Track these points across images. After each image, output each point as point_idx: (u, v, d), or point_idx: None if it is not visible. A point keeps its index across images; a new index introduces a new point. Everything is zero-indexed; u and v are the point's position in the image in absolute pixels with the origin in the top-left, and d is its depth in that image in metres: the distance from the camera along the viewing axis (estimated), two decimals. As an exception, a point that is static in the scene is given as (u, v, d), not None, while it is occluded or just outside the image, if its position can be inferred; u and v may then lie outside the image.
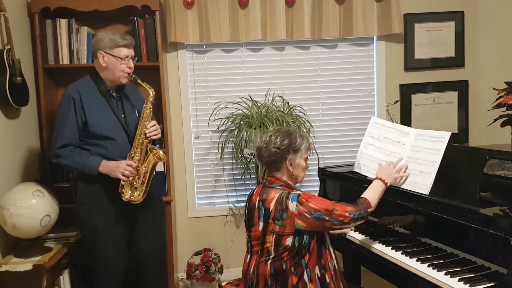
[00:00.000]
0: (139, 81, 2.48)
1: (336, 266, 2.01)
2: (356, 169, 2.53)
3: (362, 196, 2.02)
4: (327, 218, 1.88)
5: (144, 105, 2.49)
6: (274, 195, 1.97)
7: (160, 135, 2.53)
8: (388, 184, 2.11)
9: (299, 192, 1.93)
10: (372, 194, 2.04)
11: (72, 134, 2.40)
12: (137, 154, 2.43)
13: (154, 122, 2.50)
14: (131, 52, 2.49)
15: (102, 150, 2.42)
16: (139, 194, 2.42)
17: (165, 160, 2.54)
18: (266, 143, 2.03)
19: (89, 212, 2.46)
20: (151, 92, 2.49)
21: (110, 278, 2.51)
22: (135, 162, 2.41)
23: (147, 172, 2.43)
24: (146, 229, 2.58)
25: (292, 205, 1.89)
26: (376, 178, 2.13)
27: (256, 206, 2.02)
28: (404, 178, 2.21)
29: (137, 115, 2.54)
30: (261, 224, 1.98)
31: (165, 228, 2.81)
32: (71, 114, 2.39)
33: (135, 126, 2.50)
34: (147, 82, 2.52)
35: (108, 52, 2.42)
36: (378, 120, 2.54)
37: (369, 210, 1.97)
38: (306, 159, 2.08)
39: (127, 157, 2.42)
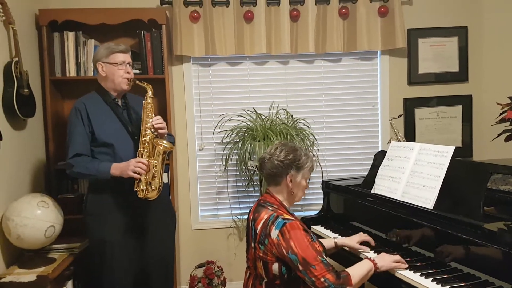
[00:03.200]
0: (137, 82, 2.52)
1: None
2: (372, 190, 2.52)
3: (347, 269, 1.87)
4: (300, 268, 1.79)
5: (144, 101, 2.49)
6: (263, 215, 1.93)
7: (166, 129, 2.51)
8: (379, 266, 1.94)
9: (286, 221, 1.85)
10: (357, 271, 1.87)
11: (82, 144, 2.44)
12: (145, 150, 2.43)
13: (158, 116, 2.50)
14: (127, 57, 2.54)
15: (111, 158, 2.45)
16: (153, 190, 2.42)
17: (173, 149, 2.55)
18: (270, 155, 1.99)
19: (98, 223, 2.47)
20: (148, 89, 2.50)
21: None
22: (144, 158, 2.42)
23: (156, 165, 2.44)
24: (155, 240, 2.58)
25: (274, 233, 1.84)
26: (369, 259, 1.98)
27: (250, 224, 2.00)
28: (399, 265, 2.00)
29: None
30: (252, 246, 1.96)
31: (174, 239, 2.80)
32: (79, 125, 2.44)
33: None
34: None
35: (105, 61, 2.49)
36: (394, 143, 2.54)
37: (347, 287, 1.79)
38: (307, 179, 2.04)
39: (137, 155, 2.44)
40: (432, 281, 1.84)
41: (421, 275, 1.91)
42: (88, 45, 3.14)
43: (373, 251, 2.26)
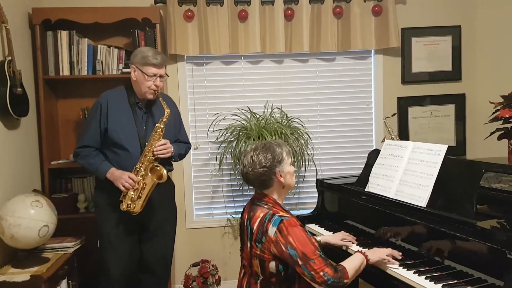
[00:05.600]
0: (160, 99, 2.51)
1: None
2: (366, 189, 2.52)
3: (341, 263, 1.89)
4: (300, 262, 1.79)
5: (157, 124, 2.49)
6: (259, 214, 1.93)
7: (169, 154, 2.52)
8: (370, 259, 1.98)
9: (282, 218, 1.85)
10: (351, 264, 1.90)
11: (92, 138, 2.50)
12: (141, 169, 2.45)
13: (164, 141, 2.49)
14: (160, 71, 2.51)
15: (116, 158, 2.49)
16: (134, 207, 2.44)
17: (165, 180, 2.52)
18: (251, 166, 1.95)
19: (102, 216, 2.54)
20: (166, 113, 2.50)
21: (114, 283, 2.54)
22: (139, 177, 2.44)
23: (144, 188, 2.45)
24: (157, 238, 2.63)
25: (272, 231, 1.84)
26: (360, 252, 2.01)
27: (245, 224, 2.01)
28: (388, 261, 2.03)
29: None
30: (248, 245, 1.97)
31: (174, 238, 2.81)
32: (95, 120, 2.49)
33: None
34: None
35: (139, 68, 2.49)
36: (388, 142, 2.55)
37: (345, 280, 1.81)
38: (291, 163, 2.03)
39: (133, 170, 2.45)
40: (425, 278, 1.85)
41: (414, 272, 1.92)
42: (82, 44, 3.13)
43: (363, 248, 2.26)
